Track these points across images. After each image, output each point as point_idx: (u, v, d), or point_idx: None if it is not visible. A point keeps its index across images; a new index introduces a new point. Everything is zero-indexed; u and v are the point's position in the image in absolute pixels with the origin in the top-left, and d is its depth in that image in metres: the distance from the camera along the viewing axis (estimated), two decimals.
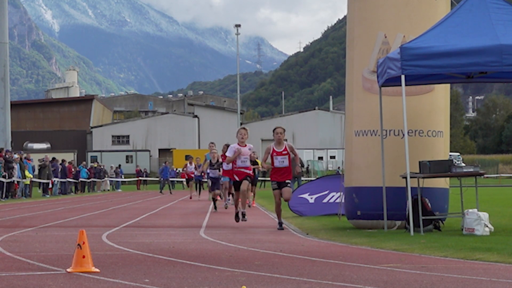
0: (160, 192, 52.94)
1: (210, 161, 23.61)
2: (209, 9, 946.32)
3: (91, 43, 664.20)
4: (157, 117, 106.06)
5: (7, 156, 38.02)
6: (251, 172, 16.40)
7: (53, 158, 50.61)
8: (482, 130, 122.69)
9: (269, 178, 16.90)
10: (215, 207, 23.78)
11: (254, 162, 24.66)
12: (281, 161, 15.18)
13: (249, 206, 25.14)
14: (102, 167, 64.71)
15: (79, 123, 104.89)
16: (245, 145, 16.12)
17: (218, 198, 24.63)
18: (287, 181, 15.24)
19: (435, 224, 14.21)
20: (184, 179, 69.96)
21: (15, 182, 39.09)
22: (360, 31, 15.45)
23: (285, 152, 15.30)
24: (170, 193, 52.95)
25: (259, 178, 30.48)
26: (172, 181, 71.02)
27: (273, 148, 15.34)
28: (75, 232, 13.43)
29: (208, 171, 24.93)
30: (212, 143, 25.33)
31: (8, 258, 9.66)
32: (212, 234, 14.19)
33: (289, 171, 15.30)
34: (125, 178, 73.62)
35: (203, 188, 36.19)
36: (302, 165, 21.34)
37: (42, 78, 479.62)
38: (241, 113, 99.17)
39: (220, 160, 25.33)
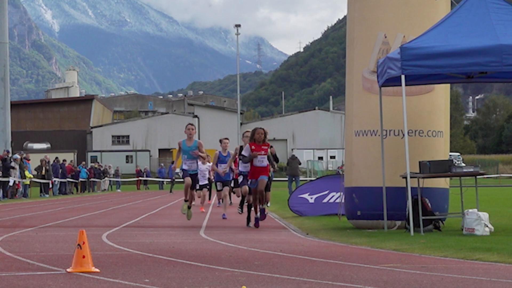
0: (170, 191, 52.90)
1: (241, 147, 16.89)
2: (208, 8, 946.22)
3: (91, 43, 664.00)
4: (157, 117, 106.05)
5: (7, 156, 37.97)
6: None
7: (56, 158, 50.64)
8: (482, 130, 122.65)
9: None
10: (249, 220, 16.80)
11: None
12: None
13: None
14: (103, 167, 64.69)
15: (79, 123, 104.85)
16: None
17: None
18: None
19: (435, 224, 14.22)
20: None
21: (16, 182, 39.07)
22: (360, 31, 15.46)
23: None
24: (171, 191, 53.05)
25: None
26: (162, 181, 71.14)
27: None
28: (75, 232, 13.43)
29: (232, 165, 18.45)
30: (192, 123, 17.45)
31: (8, 258, 9.65)
32: (212, 234, 14.19)
33: None
34: (125, 178, 73.66)
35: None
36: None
37: (42, 78, 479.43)
38: (241, 113, 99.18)
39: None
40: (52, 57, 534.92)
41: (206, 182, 24.87)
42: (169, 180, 64.57)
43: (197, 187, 18.37)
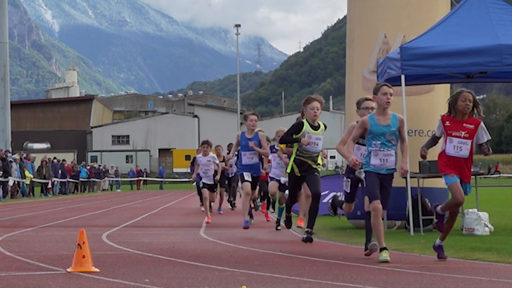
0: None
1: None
2: (207, 8, 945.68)
3: (91, 43, 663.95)
4: (157, 117, 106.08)
5: (6, 155, 37.96)
6: None
7: (54, 158, 50.63)
8: None
9: None
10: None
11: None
12: None
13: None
14: (103, 167, 64.68)
15: (79, 123, 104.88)
16: None
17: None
18: None
19: (435, 224, 14.21)
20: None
21: (15, 182, 39.05)
22: (360, 31, 15.46)
23: None
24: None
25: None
26: (162, 181, 70.98)
27: None
28: (75, 232, 13.43)
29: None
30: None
31: (8, 258, 9.65)
32: (212, 234, 14.19)
33: None
34: (124, 178, 73.69)
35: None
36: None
37: (42, 78, 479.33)
38: (241, 113, 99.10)
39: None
40: (52, 57, 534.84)
41: (213, 182, 18.56)
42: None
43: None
